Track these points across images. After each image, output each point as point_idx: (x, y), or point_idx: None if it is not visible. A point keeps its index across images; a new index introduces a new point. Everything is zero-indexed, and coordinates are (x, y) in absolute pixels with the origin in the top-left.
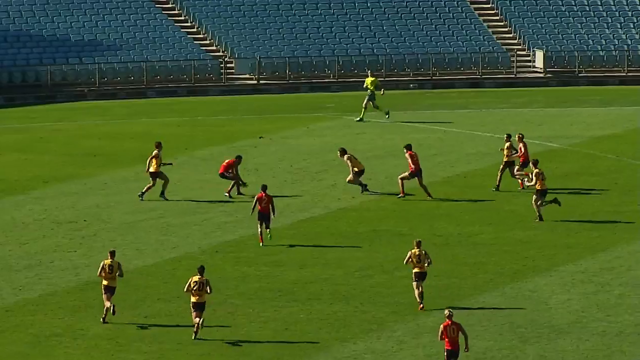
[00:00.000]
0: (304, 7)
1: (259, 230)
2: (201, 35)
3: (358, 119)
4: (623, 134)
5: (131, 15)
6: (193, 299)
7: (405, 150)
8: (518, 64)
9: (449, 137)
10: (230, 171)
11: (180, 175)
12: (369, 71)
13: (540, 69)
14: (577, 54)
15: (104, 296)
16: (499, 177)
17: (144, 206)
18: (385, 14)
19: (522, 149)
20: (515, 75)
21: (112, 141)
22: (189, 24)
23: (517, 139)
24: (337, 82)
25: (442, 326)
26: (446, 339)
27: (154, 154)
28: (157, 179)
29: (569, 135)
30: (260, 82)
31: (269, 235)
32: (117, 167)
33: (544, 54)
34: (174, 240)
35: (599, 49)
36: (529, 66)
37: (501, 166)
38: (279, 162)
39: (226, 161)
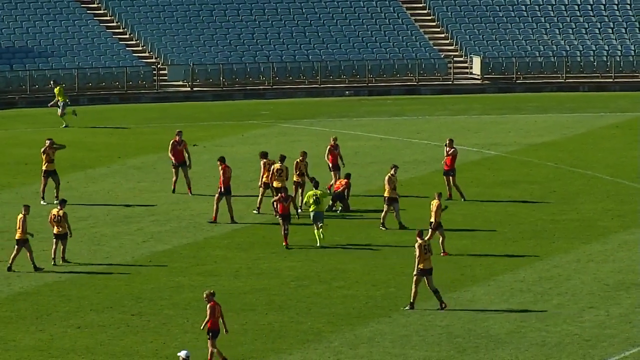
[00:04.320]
0: (237, 13)
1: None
2: (133, 42)
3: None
4: (561, 141)
5: (62, 22)
6: (55, 231)
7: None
8: (455, 70)
9: (385, 145)
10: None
11: (112, 184)
12: (52, 81)
13: (478, 75)
14: (514, 60)
15: None
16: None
17: (75, 215)
18: (321, 20)
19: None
20: (452, 81)
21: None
22: (121, 30)
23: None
24: (271, 89)
25: (209, 307)
26: (211, 320)
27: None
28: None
29: (507, 142)
30: (194, 89)
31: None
32: None
33: (481, 60)
34: (107, 250)
35: (537, 55)
36: (466, 73)
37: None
38: (213, 171)
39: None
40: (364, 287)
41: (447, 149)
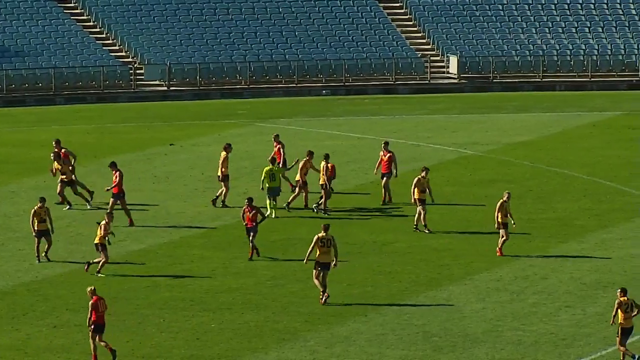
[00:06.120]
0: (214, 12)
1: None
2: (110, 41)
3: None
4: (538, 140)
5: (39, 21)
6: (37, 227)
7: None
8: (432, 69)
9: (362, 144)
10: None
11: (88, 183)
12: None
13: (455, 74)
14: (491, 60)
15: None
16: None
17: (52, 215)
18: (297, 19)
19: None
20: (429, 81)
21: (21, 149)
22: (97, 30)
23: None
24: (248, 88)
25: (91, 303)
26: (95, 314)
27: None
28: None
29: (484, 141)
30: (171, 88)
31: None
32: (26, 176)
33: (458, 59)
34: (83, 250)
35: (514, 54)
36: (443, 72)
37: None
38: (190, 170)
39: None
40: (340, 286)
41: (383, 152)
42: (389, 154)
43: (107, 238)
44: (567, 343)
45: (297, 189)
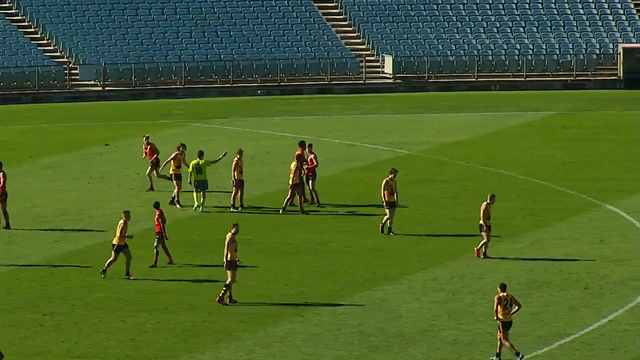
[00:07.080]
0: (149, 12)
1: None
2: (45, 41)
3: None
4: (473, 140)
5: None
6: None
7: None
8: (367, 69)
9: (297, 144)
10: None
11: (24, 183)
12: None
13: (390, 74)
14: (426, 60)
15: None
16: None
17: None
18: (233, 19)
19: (314, 161)
20: (365, 81)
21: None
22: (32, 30)
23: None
24: (183, 88)
25: None
26: None
27: None
28: None
29: (419, 141)
30: (106, 88)
31: None
32: None
33: (393, 59)
34: (19, 250)
35: (449, 54)
36: (378, 72)
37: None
38: (126, 170)
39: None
40: (276, 287)
41: (307, 153)
42: (310, 155)
43: (126, 236)
44: None
45: (234, 187)
